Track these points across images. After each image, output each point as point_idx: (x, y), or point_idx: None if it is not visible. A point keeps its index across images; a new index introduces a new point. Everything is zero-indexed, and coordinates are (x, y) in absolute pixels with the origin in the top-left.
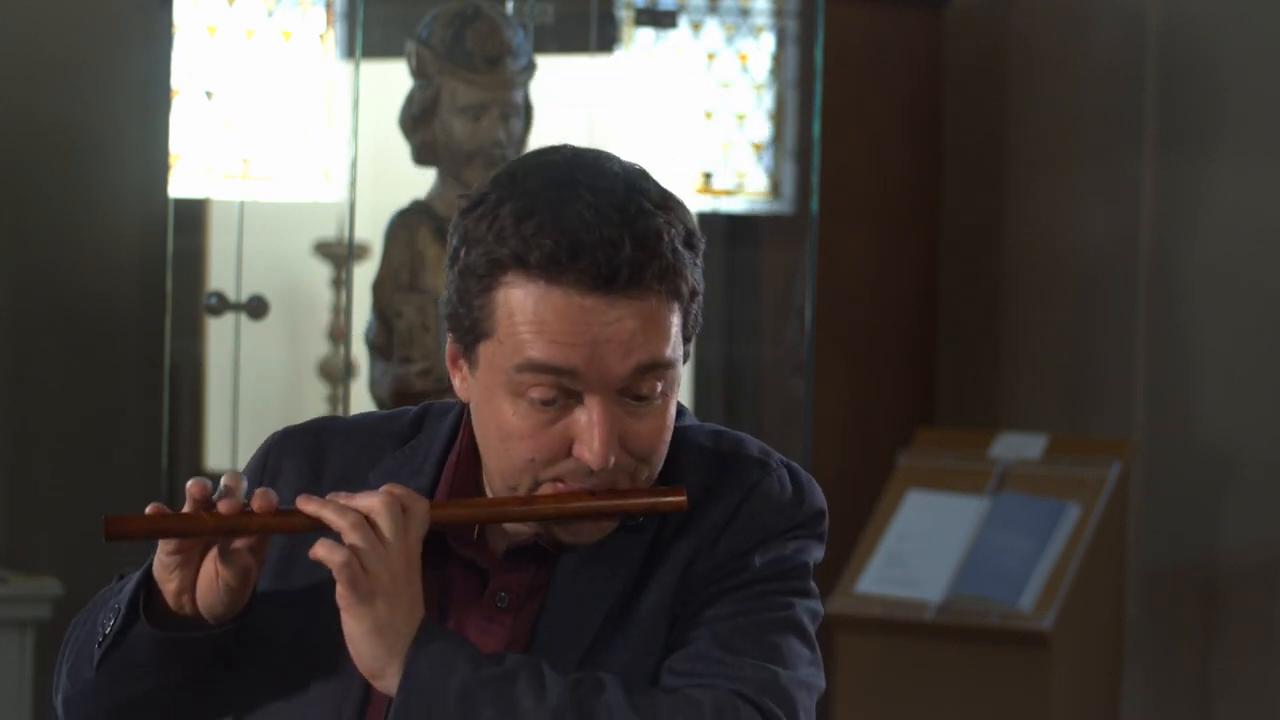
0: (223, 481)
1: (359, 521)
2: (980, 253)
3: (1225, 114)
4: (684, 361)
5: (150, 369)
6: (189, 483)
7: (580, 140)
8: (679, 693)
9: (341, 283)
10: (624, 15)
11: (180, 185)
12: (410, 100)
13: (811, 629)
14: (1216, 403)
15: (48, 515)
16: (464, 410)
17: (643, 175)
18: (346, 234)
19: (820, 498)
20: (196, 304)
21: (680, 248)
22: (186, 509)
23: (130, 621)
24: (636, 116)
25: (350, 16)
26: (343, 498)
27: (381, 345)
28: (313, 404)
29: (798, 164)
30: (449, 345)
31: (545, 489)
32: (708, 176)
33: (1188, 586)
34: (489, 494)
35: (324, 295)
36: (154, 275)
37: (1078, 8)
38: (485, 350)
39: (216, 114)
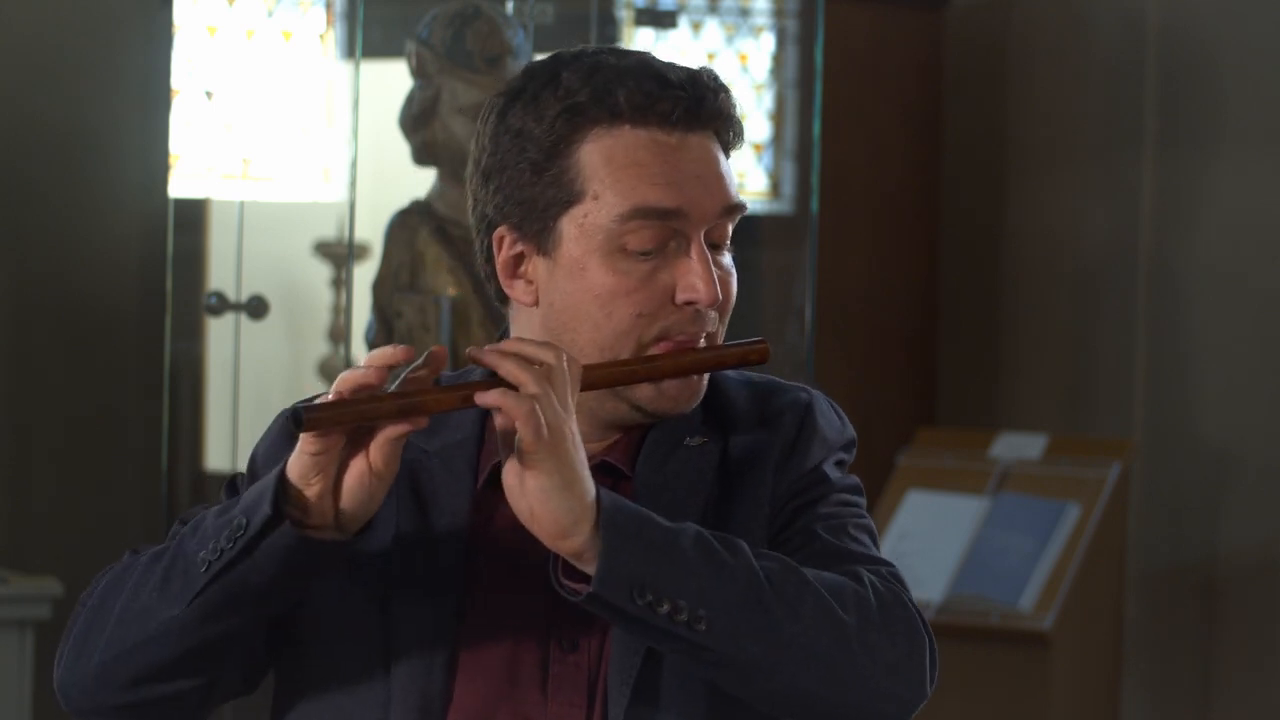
0: (386, 355)
1: (542, 374)
2: (980, 253)
3: (1225, 114)
4: None
5: (150, 369)
6: (356, 372)
7: None
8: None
9: (341, 283)
10: (624, 15)
11: (180, 185)
12: (410, 100)
13: None
14: (1216, 403)
15: (48, 515)
16: None
17: None
18: (346, 234)
19: (851, 426)
20: (196, 304)
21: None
22: (331, 397)
23: (262, 532)
24: None
25: (350, 16)
26: (511, 345)
27: (381, 345)
28: None
29: (798, 164)
30: (504, 253)
31: (652, 350)
32: None
33: (1188, 586)
34: None
35: (324, 295)
36: (154, 275)
37: (1078, 8)
38: (572, 217)
39: (216, 114)
